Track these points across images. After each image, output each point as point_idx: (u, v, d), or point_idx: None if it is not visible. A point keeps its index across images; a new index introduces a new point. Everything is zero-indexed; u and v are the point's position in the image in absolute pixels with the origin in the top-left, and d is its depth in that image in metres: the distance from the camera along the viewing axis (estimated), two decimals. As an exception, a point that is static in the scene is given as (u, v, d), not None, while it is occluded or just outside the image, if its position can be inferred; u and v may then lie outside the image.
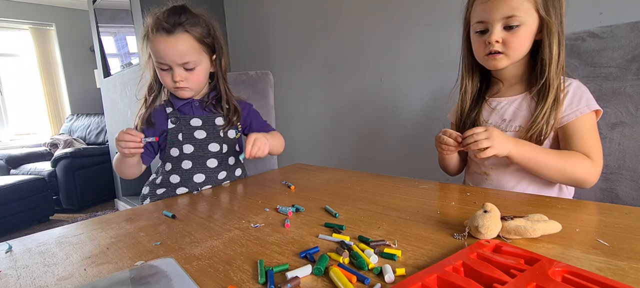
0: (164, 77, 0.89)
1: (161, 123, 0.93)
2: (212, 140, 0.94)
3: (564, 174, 0.70)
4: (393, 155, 1.67)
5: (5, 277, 0.48)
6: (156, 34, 0.84)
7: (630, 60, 0.76)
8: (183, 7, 0.86)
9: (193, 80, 0.89)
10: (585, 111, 0.72)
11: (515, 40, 0.72)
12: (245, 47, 2.43)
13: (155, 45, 0.85)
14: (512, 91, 0.81)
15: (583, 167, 0.69)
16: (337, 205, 0.67)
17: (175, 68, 0.86)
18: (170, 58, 0.85)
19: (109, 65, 2.85)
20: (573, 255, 0.42)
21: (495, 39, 0.73)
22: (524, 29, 0.71)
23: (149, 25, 0.86)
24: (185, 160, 0.93)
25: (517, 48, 0.73)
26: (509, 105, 0.80)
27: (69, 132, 3.85)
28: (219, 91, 0.97)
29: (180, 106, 0.94)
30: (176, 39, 0.84)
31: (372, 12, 1.64)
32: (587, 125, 0.72)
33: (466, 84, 0.85)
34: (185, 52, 0.85)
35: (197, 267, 0.46)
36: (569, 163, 0.70)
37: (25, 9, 3.88)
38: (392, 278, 0.39)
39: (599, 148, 0.72)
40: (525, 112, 0.77)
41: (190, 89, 0.90)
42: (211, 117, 0.95)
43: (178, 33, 0.84)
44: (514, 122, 0.79)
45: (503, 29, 0.72)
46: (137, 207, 0.81)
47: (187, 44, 0.85)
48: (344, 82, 1.83)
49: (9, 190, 2.64)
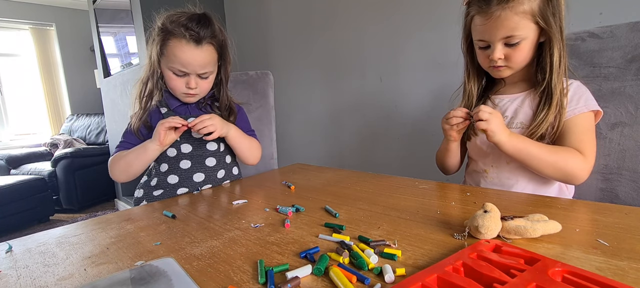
0: (174, 82, 0.88)
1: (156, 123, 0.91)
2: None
3: (555, 167, 0.71)
4: (393, 155, 1.67)
5: (6, 277, 0.48)
6: (181, 40, 0.83)
7: (630, 60, 0.76)
8: (209, 18, 0.87)
9: (204, 88, 0.91)
10: (583, 110, 0.72)
11: (517, 54, 0.73)
12: (245, 47, 2.43)
13: (179, 51, 0.84)
14: (515, 89, 0.82)
15: (574, 162, 0.70)
16: (337, 205, 0.67)
17: (192, 76, 0.87)
18: (193, 68, 0.86)
19: (109, 65, 2.85)
20: (573, 255, 0.42)
21: (497, 56, 0.73)
22: (524, 44, 0.72)
23: (169, 28, 0.84)
24: (183, 160, 0.92)
25: (519, 61, 0.74)
26: (510, 103, 0.81)
27: (69, 132, 3.85)
28: (216, 93, 0.98)
29: (175, 107, 0.94)
30: (203, 51, 0.85)
31: (372, 12, 1.64)
32: (584, 124, 0.73)
33: (470, 87, 0.85)
34: (207, 63, 0.88)
35: (197, 267, 0.46)
36: (561, 157, 0.70)
37: (25, 9, 3.89)
38: (392, 278, 0.39)
39: (593, 147, 0.72)
40: (527, 109, 0.78)
41: (199, 96, 0.93)
42: None
43: (205, 44, 0.85)
44: (515, 119, 0.79)
45: (504, 45, 0.73)
46: (138, 207, 0.81)
47: (210, 55, 0.88)
48: (344, 82, 1.83)
49: (9, 190, 2.64)
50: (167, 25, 0.85)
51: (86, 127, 3.75)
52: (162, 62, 0.89)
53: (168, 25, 0.85)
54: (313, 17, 1.93)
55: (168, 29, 0.84)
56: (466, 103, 0.86)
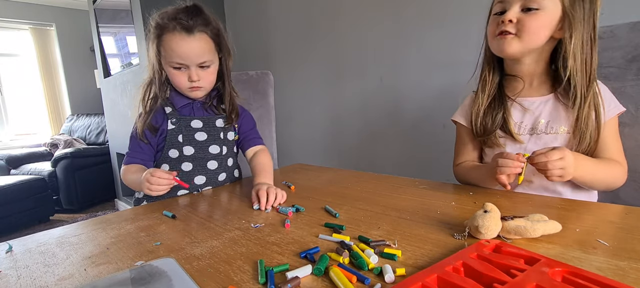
0: (177, 77, 0.88)
1: (160, 123, 0.92)
2: (213, 142, 0.93)
3: (608, 184, 0.71)
4: (393, 155, 1.67)
5: (6, 277, 0.48)
6: (173, 32, 0.83)
7: (630, 60, 0.76)
8: (199, 8, 0.87)
9: (207, 79, 0.90)
10: (612, 114, 0.71)
11: (531, 22, 0.67)
12: (245, 47, 2.43)
13: (173, 44, 0.84)
14: (540, 91, 0.76)
15: (620, 175, 0.70)
16: (337, 205, 0.67)
17: (193, 68, 0.86)
18: (190, 58, 0.85)
19: (109, 65, 2.85)
20: (573, 255, 0.42)
21: (509, 17, 0.67)
22: (542, 14, 0.66)
23: (161, 24, 0.85)
24: (185, 162, 0.92)
25: (531, 31, 0.67)
26: (543, 105, 0.74)
27: (69, 132, 3.85)
28: (220, 90, 0.97)
29: (180, 107, 0.93)
30: (196, 39, 0.84)
31: (373, 12, 1.64)
32: (614, 127, 0.72)
33: (485, 78, 0.79)
34: (204, 52, 0.86)
35: (197, 267, 0.46)
36: (612, 174, 0.70)
37: (25, 9, 3.88)
38: (392, 279, 0.39)
39: (622, 151, 0.72)
40: (563, 113, 0.72)
41: (204, 88, 0.91)
42: (212, 119, 0.94)
43: (198, 32, 0.84)
44: (554, 124, 0.73)
45: (521, 10, 0.68)
46: (138, 207, 0.81)
47: (205, 44, 0.86)
48: (344, 82, 1.83)
49: (9, 190, 2.64)
50: (159, 22, 0.85)
51: (86, 127, 3.75)
52: (162, 61, 0.88)
53: (160, 22, 0.85)
54: (313, 17, 1.93)
55: (160, 25, 0.84)
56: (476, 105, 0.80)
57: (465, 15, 1.32)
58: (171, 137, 0.90)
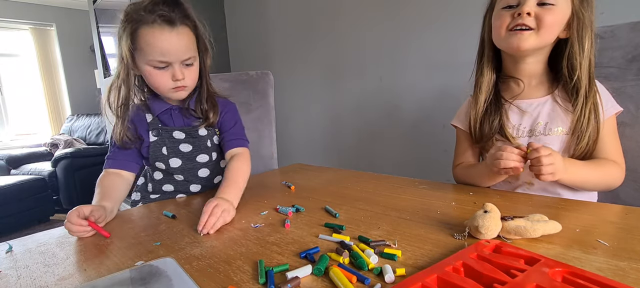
0: (158, 77, 0.76)
1: (142, 130, 0.83)
2: (199, 152, 0.86)
3: (603, 185, 0.71)
4: (393, 155, 1.67)
5: (6, 277, 0.48)
6: (153, 25, 0.72)
7: (631, 60, 0.76)
8: None
9: (191, 77, 0.79)
10: (610, 113, 0.71)
11: (549, 16, 0.65)
12: (245, 47, 2.43)
13: (153, 39, 0.72)
14: (539, 92, 0.75)
15: (616, 175, 0.70)
16: (337, 205, 0.67)
17: (176, 65, 0.76)
18: (174, 54, 0.74)
19: (109, 65, 2.85)
20: (573, 255, 0.42)
21: (527, 10, 0.65)
22: (557, 10, 0.65)
23: (135, 16, 0.73)
24: (175, 174, 0.86)
25: (549, 26, 0.66)
26: (541, 107, 0.73)
27: (69, 132, 3.85)
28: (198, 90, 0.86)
29: (159, 114, 0.84)
30: (180, 33, 0.74)
31: (372, 12, 1.64)
32: (612, 126, 0.72)
33: (482, 80, 0.78)
34: (188, 47, 0.77)
35: (197, 267, 0.46)
36: (607, 175, 0.69)
37: (25, 9, 3.88)
38: (392, 279, 0.39)
39: (621, 150, 0.72)
40: (562, 114, 0.71)
41: (188, 88, 0.81)
42: (194, 129, 0.85)
43: (180, 26, 0.74)
44: (552, 125, 0.72)
45: (537, 5, 0.66)
46: (138, 207, 0.81)
47: (188, 38, 0.77)
48: (344, 82, 1.83)
49: (9, 190, 2.64)
50: (133, 14, 0.74)
51: (86, 127, 3.75)
52: (137, 60, 0.76)
53: (133, 14, 0.73)
54: (313, 17, 1.93)
55: (134, 18, 0.73)
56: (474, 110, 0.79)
57: (465, 15, 1.32)
58: (155, 149, 0.82)
